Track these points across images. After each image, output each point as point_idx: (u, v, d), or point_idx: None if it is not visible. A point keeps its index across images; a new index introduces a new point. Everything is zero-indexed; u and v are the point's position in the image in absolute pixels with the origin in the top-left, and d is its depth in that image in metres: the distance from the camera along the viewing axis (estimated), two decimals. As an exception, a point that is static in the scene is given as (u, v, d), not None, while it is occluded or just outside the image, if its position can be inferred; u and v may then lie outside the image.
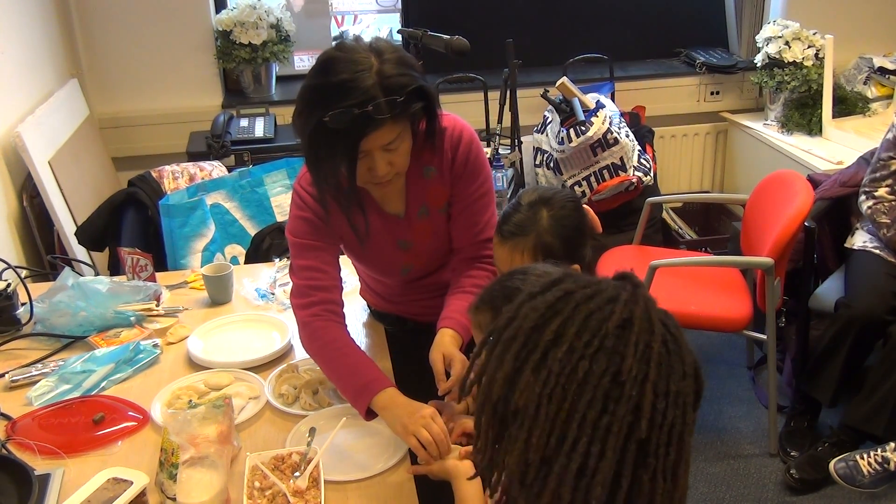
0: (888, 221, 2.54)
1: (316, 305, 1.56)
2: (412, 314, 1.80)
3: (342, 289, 1.62)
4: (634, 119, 3.70)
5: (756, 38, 3.69)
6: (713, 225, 3.89)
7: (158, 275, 2.10)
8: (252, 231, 2.72)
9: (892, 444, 2.35)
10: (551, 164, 3.46)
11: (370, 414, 1.45)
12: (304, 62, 3.82)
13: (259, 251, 2.58)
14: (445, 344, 1.53)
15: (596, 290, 0.87)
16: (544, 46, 3.89)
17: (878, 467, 2.34)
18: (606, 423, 0.82)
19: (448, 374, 1.48)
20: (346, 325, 1.58)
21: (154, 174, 2.83)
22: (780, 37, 3.56)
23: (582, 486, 0.82)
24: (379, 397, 1.43)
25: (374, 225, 1.61)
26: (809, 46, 3.53)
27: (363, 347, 1.81)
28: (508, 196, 3.33)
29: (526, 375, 0.85)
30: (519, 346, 0.86)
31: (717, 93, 3.92)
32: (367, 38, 1.43)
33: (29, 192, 2.72)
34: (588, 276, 0.91)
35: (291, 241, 1.60)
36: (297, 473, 1.35)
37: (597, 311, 0.85)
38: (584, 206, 1.57)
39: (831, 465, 2.40)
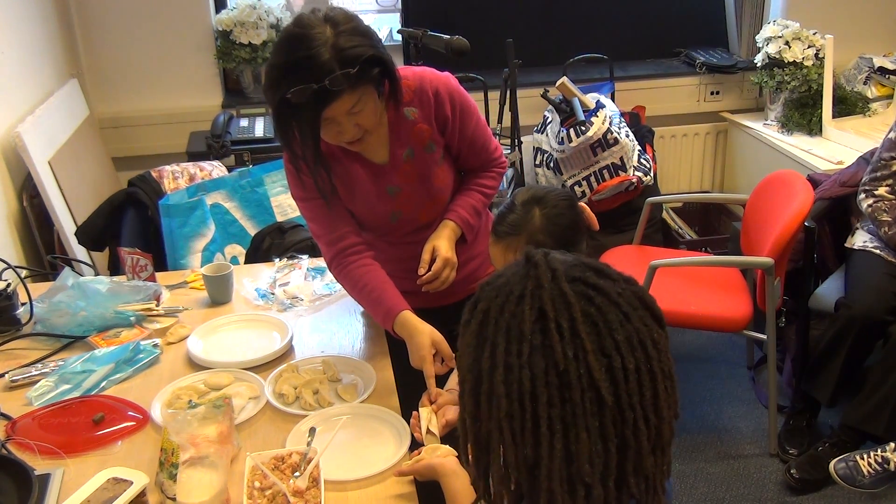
0: (889, 220, 2.54)
1: (334, 259, 1.73)
2: (406, 291, 1.79)
3: (352, 225, 1.73)
4: (634, 119, 3.70)
5: (756, 37, 3.69)
6: (713, 225, 3.90)
7: (158, 275, 2.09)
8: (252, 231, 2.72)
9: (892, 445, 2.35)
10: (551, 164, 3.46)
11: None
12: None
13: (259, 251, 2.58)
14: (440, 236, 1.73)
15: (505, 297, 0.90)
16: (544, 46, 3.89)
17: (878, 467, 2.34)
18: (570, 412, 0.84)
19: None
20: (362, 256, 1.72)
21: (154, 174, 2.83)
22: (780, 37, 3.56)
23: (573, 471, 0.85)
24: (396, 326, 1.64)
25: (360, 175, 1.71)
26: (809, 46, 3.53)
27: (363, 348, 1.83)
28: (508, 196, 3.33)
29: (483, 407, 0.89)
30: (470, 385, 0.90)
31: (717, 93, 3.92)
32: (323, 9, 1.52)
33: (29, 192, 2.72)
34: (499, 277, 0.93)
35: (297, 204, 1.76)
36: (296, 473, 1.35)
37: (512, 318, 0.88)
38: (581, 203, 1.58)
39: (831, 465, 2.40)
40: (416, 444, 1.47)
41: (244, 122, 3.34)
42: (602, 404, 0.84)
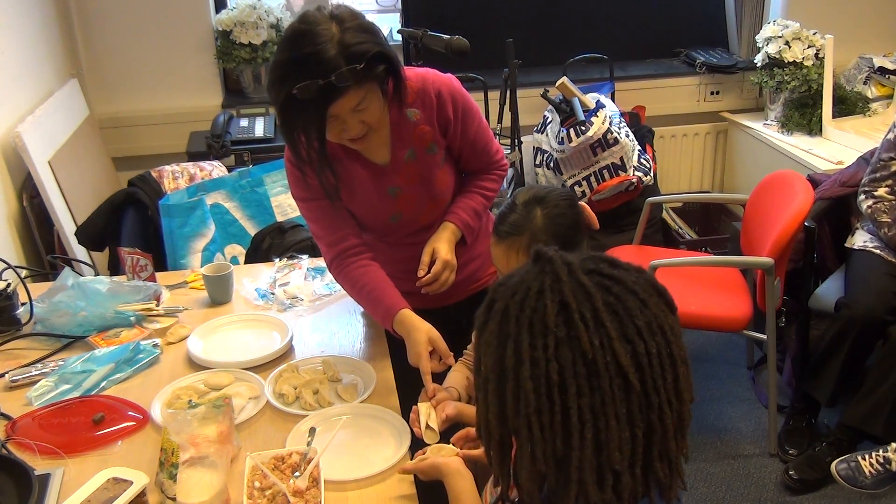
0: (889, 220, 2.54)
1: (334, 260, 1.73)
2: (407, 291, 1.79)
3: (352, 227, 1.73)
4: (634, 119, 3.70)
5: (756, 37, 3.69)
6: (713, 225, 3.90)
7: (158, 275, 2.10)
8: (252, 231, 2.72)
9: (894, 445, 2.35)
10: (551, 164, 3.46)
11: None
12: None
13: (259, 251, 2.58)
14: (440, 238, 1.73)
15: (524, 293, 0.90)
16: (544, 46, 3.89)
17: (879, 468, 2.34)
18: (599, 401, 0.86)
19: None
20: (361, 257, 1.71)
21: (154, 174, 2.83)
22: (780, 37, 3.56)
23: (603, 460, 0.86)
24: (395, 324, 1.64)
25: (361, 175, 1.70)
26: (809, 46, 3.53)
27: (363, 349, 1.83)
28: (508, 196, 3.33)
29: (509, 405, 0.89)
30: (494, 384, 0.91)
31: (717, 93, 3.92)
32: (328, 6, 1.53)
33: (29, 192, 2.72)
34: (512, 277, 0.94)
35: (297, 204, 1.75)
36: (296, 473, 1.35)
37: (534, 313, 0.88)
38: (581, 203, 1.58)
39: (833, 465, 2.40)
40: (416, 444, 1.47)
41: (244, 122, 3.34)
42: (629, 390, 0.86)
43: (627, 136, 3.36)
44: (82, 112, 3.27)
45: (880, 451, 2.37)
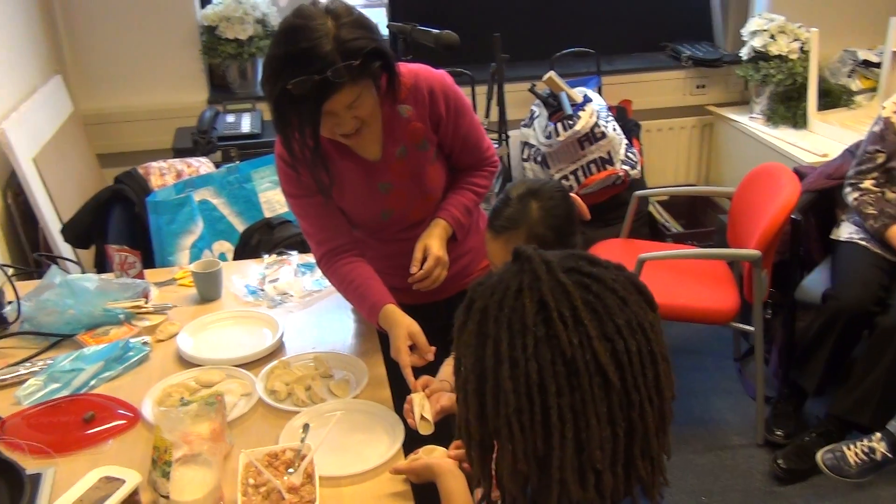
0: (875, 212, 2.57)
1: (323, 257, 1.75)
2: (397, 287, 1.79)
3: (342, 224, 1.74)
4: (621, 113, 3.71)
5: (741, 31, 3.71)
6: (699, 218, 3.92)
7: (146, 272, 2.08)
8: (240, 227, 2.71)
9: (879, 435, 2.37)
10: (539, 159, 3.46)
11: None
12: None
13: (248, 247, 2.57)
14: (431, 234, 1.73)
15: (502, 293, 0.90)
16: (531, 41, 3.89)
17: (864, 457, 2.37)
18: (580, 399, 0.85)
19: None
20: (350, 254, 1.72)
21: (141, 171, 2.81)
22: (765, 30, 3.57)
23: (584, 459, 0.86)
24: (380, 319, 1.64)
25: (352, 171, 1.70)
26: (794, 40, 3.55)
27: (354, 344, 1.83)
28: (497, 190, 3.33)
29: (489, 406, 0.89)
30: (474, 385, 0.90)
31: (703, 86, 3.94)
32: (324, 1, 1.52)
33: (13, 190, 2.70)
34: (491, 277, 0.94)
35: (287, 201, 1.76)
36: (291, 470, 1.35)
37: (512, 313, 0.88)
38: (572, 194, 1.58)
39: (818, 455, 2.43)
40: (409, 439, 1.47)
41: (231, 118, 3.32)
42: (609, 389, 0.85)
43: (615, 129, 3.37)
44: (66, 109, 3.24)
45: (865, 440, 2.39)
